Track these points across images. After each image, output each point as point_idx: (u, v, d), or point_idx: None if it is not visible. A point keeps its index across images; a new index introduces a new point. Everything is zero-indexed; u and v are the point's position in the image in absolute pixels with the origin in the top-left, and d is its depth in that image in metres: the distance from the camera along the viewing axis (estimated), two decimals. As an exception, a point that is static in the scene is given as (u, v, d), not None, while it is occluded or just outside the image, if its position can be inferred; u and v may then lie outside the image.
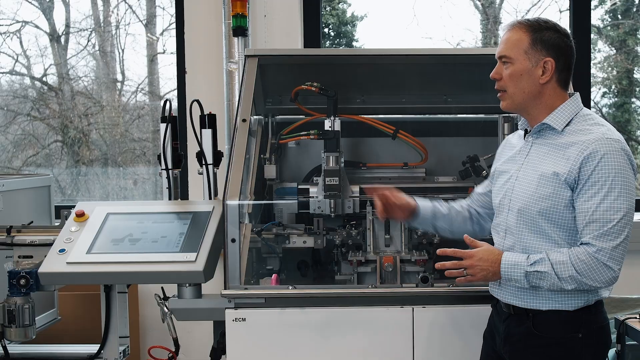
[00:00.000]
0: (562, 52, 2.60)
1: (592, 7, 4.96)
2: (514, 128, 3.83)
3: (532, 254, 2.52)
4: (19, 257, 3.35)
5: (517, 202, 2.60)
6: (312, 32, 4.92)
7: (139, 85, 5.82)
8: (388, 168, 4.01)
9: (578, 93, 2.67)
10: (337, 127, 3.51)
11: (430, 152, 3.97)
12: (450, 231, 2.98)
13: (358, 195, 3.58)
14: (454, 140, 4.11)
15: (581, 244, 2.47)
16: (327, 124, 3.49)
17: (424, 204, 2.96)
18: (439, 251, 2.66)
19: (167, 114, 3.46)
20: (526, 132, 2.72)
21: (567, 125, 2.59)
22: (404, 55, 3.74)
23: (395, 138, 3.89)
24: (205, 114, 3.53)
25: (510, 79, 2.59)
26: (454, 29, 5.53)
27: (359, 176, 3.88)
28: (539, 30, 2.58)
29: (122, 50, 5.74)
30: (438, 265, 2.64)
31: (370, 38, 5.60)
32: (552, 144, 2.59)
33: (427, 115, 4.32)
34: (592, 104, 5.14)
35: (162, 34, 5.69)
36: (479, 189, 3.01)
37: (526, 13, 5.34)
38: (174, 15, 5.08)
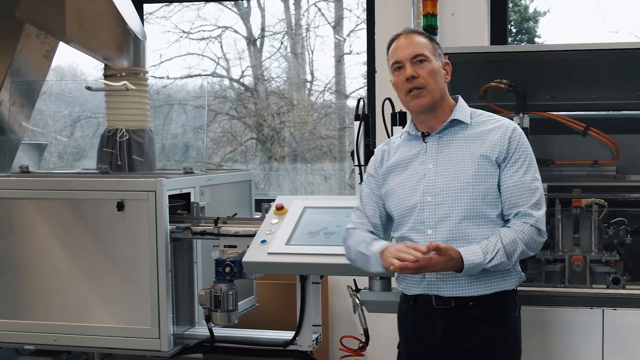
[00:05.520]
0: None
1: None
2: None
3: (486, 248, 2.50)
4: (225, 246, 3.56)
5: (450, 194, 2.61)
6: (499, 29, 4.89)
7: (327, 84, 6.01)
8: (577, 166, 3.96)
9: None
10: (526, 124, 3.51)
11: (622, 150, 3.87)
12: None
13: (546, 192, 3.55)
14: (649, 138, 3.97)
15: (517, 214, 2.57)
16: (516, 121, 3.48)
17: None
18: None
19: (360, 112, 3.58)
20: (423, 135, 2.73)
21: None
22: (594, 50, 3.65)
23: (586, 135, 3.82)
24: (396, 111, 3.63)
25: (430, 76, 2.65)
26: (641, 22, 5.29)
27: (547, 174, 3.81)
28: (431, 37, 2.74)
29: (312, 52, 5.96)
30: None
31: (552, 34, 5.49)
32: (465, 137, 2.68)
33: (619, 112, 4.21)
34: None
35: (348, 35, 5.85)
36: (369, 211, 2.81)
37: None
38: (363, 16, 5.21)
